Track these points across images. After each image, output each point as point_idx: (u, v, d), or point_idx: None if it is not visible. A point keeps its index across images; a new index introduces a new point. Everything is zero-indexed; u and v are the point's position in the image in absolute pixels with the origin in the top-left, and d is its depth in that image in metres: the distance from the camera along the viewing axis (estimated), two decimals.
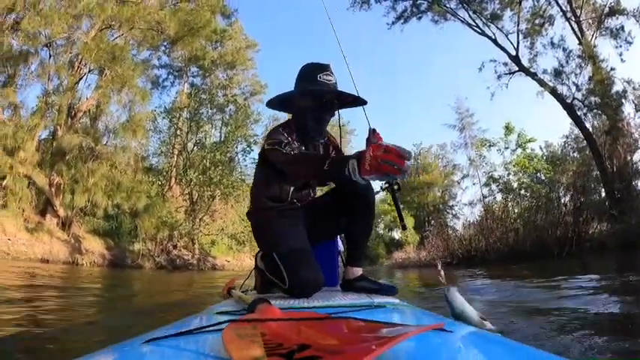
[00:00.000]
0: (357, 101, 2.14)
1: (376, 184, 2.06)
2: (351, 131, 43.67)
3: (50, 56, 16.07)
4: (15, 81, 15.11)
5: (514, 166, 25.92)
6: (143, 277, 12.33)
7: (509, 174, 26.31)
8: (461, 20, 19.38)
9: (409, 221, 42.94)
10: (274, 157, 1.94)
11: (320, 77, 1.96)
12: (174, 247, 21.01)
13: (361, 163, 1.45)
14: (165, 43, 22.22)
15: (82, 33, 16.16)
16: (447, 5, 19.33)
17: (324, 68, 2.00)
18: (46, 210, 15.93)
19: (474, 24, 19.16)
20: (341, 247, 2.48)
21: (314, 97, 1.99)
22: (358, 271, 2.00)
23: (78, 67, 16.76)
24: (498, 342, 0.92)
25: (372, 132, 2.10)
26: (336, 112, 2.12)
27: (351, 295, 1.77)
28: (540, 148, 27.98)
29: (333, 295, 1.77)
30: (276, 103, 2.24)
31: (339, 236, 2.44)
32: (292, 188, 2.06)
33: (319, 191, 2.32)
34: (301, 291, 1.67)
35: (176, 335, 0.83)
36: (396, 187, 2.11)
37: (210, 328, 0.85)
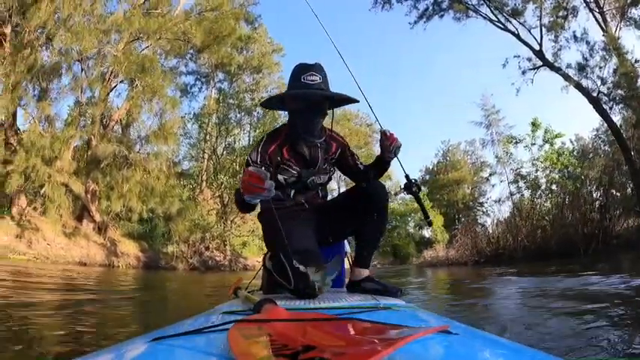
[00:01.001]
0: (349, 100, 2.11)
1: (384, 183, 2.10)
2: (379, 130, 43.58)
3: (82, 70, 16.58)
4: (49, 94, 15.64)
5: (542, 162, 25.44)
6: (177, 278, 12.72)
7: (536, 170, 25.89)
8: (483, 16, 19.04)
9: (438, 219, 42.55)
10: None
11: (304, 78, 1.94)
12: (207, 248, 21.46)
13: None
14: (191, 51, 22.60)
15: (111, 47, 16.62)
16: (469, 2, 19.17)
17: (308, 69, 1.98)
18: (82, 215, 16.58)
19: (495, 19, 18.94)
20: (347, 248, 2.47)
21: (300, 99, 1.99)
22: (365, 272, 1.98)
23: (109, 78, 17.24)
24: (504, 345, 0.92)
25: (383, 134, 2.18)
26: (329, 112, 2.10)
27: (357, 296, 1.75)
28: (571, 141, 27.39)
29: (339, 296, 1.75)
30: (272, 104, 2.29)
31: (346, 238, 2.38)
32: (293, 191, 2.07)
33: (331, 193, 2.32)
34: (307, 292, 1.65)
35: (182, 334, 0.84)
36: (414, 188, 2.16)
37: (216, 328, 0.86)
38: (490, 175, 40.01)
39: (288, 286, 1.71)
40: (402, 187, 2.24)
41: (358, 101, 2.17)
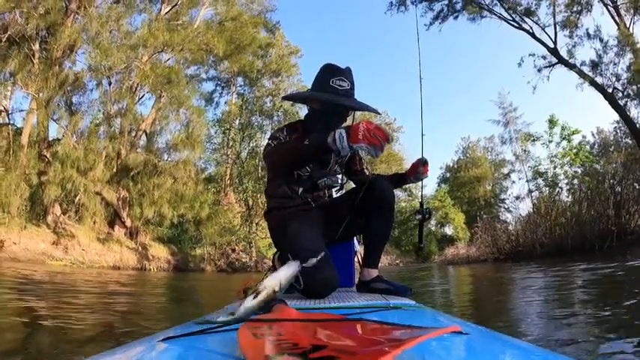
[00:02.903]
0: (372, 111, 2.07)
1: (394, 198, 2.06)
2: (398, 128, 43.46)
3: (110, 84, 17.18)
4: (80, 108, 16.41)
5: (560, 159, 25.30)
6: (207, 279, 13.21)
7: (555, 167, 25.76)
8: (498, 16, 18.93)
9: (459, 217, 42.40)
10: (265, 152, 1.97)
11: (332, 82, 1.89)
12: (233, 250, 21.85)
13: (352, 132, 1.52)
14: (213, 58, 23.04)
15: (138, 61, 17.11)
16: (483, 2, 19.08)
17: (339, 72, 1.92)
18: (114, 222, 17.14)
19: (510, 18, 18.78)
20: (357, 247, 2.45)
21: (322, 103, 1.96)
22: (374, 272, 1.95)
23: (135, 89, 17.82)
24: (516, 345, 0.91)
25: (424, 163, 2.20)
26: (349, 117, 2.08)
27: (367, 296, 1.71)
28: (592, 134, 27.17)
29: (348, 296, 1.72)
30: (296, 98, 2.31)
31: (355, 237, 2.37)
32: (301, 189, 2.04)
33: (336, 193, 2.32)
34: (316, 292, 1.65)
35: (191, 334, 0.84)
36: (427, 216, 2.26)
37: (226, 327, 0.86)
38: (509, 172, 39.95)
39: (297, 286, 1.67)
40: (415, 210, 2.32)
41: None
